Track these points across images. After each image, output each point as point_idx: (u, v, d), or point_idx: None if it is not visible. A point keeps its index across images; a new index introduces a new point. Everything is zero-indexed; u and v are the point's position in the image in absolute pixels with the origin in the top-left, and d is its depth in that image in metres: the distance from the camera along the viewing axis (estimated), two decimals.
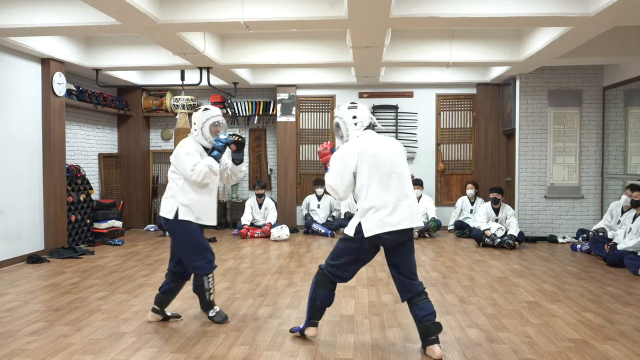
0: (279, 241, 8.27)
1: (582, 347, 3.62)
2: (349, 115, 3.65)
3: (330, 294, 3.65)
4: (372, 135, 3.64)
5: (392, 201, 3.45)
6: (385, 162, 3.50)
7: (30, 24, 5.58)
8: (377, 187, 3.46)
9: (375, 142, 3.59)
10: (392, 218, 3.43)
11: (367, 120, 3.68)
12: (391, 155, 3.55)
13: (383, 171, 3.48)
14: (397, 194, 3.47)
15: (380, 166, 3.49)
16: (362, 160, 3.48)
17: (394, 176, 3.50)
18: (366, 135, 3.62)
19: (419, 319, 3.49)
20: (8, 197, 6.45)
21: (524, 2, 5.17)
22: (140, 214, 9.74)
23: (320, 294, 3.62)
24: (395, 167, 3.52)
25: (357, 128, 3.64)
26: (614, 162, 8.03)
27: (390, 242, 3.49)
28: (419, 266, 6.29)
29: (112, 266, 6.36)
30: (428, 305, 3.50)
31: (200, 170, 3.93)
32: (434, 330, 3.48)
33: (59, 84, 7.21)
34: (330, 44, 7.27)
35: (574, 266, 6.38)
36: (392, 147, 3.61)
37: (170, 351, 3.55)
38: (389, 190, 3.47)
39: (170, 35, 5.81)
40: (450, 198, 9.57)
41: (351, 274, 3.64)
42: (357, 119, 3.65)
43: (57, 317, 4.31)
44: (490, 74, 8.89)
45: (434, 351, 3.46)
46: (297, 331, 3.83)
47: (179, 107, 9.29)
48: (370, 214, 3.44)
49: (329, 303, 3.68)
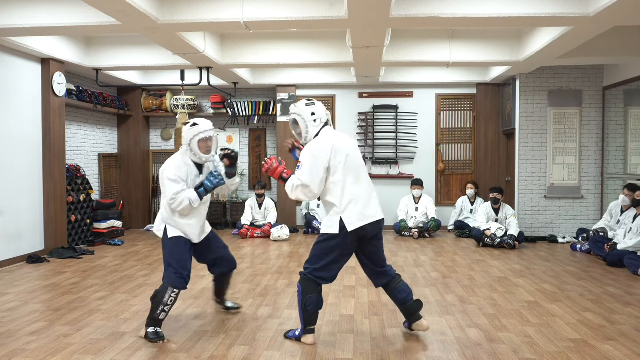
0: (279, 241, 8.27)
1: (582, 347, 3.63)
2: (307, 112, 3.73)
3: (319, 296, 3.63)
4: (335, 132, 3.77)
5: (366, 194, 3.63)
6: (355, 157, 3.67)
7: (30, 24, 5.58)
8: (352, 182, 3.59)
9: (340, 137, 3.72)
10: (369, 210, 3.60)
11: (324, 117, 3.77)
12: (356, 150, 3.73)
13: (354, 166, 3.63)
14: (368, 188, 3.67)
15: (352, 161, 3.63)
16: (335, 156, 3.57)
17: (362, 170, 3.69)
18: (329, 132, 3.73)
19: (402, 301, 3.73)
20: (8, 197, 6.45)
21: (524, 2, 5.17)
22: (140, 214, 9.74)
23: (311, 299, 3.58)
24: (361, 162, 3.72)
25: (316, 125, 3.72)
26: (614, 162, 8.03)
27: (370, 232, 3.61)
28: (419, 266, 6.31)
29: (112, 266, 6.36)
30: (405, 287, 3.77)
31: (181, 201, 3.79)
32: (417, 307, 3.76)
33: (59, 84, 7.21)
34: (330, 44, 7.27)
35: (574, 266, 6.38)
36: (352, 142, 3.78)
37: (170, 351, 3.55)
38: (362, 184, 3.63)
39: (170, 35, 5.81)
40: (450, 198, 9.57)
41: (336, 273, 3.68)
42: (316, 116, 3.73)
43: (57, 317, 4.31)
44: (490, 74, 8.89)
45: (422, 325, 3.77)
46: (293, 337, 3.76)
47: (179, 107, 9.30)
48: (350, 208, 3.54)
49: (320, 306, 3.66)
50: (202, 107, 9.99)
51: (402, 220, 8.77)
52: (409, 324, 3.85)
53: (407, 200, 8.95)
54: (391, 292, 3.76)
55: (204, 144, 3.91)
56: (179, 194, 3.80)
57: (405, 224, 8.68)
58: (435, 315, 4.35)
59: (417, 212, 8.80)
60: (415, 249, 7.58)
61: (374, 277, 3.79)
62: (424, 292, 5.11)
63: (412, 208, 8.87)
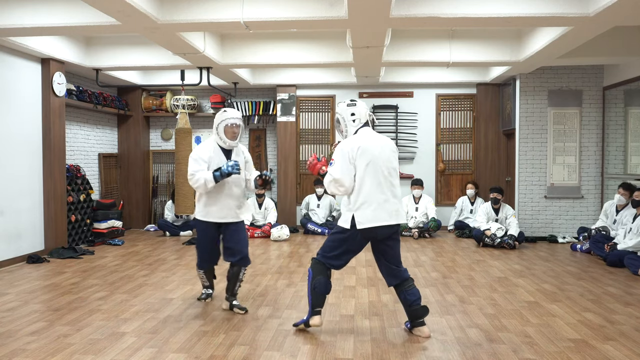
0: (279, 241, 8.27)
1: (582, 347, 3.63)
2: (347, 113, 3.90)
3: (327, 280, 3.85)
4: (369, 133, 3.88)
5: (382, 198, 3.72)
6: (380, 160, 3.76)
7: (30, 24, 5.57)
8: (370, 183, 3.72)
9: (372, 139, 3.83)
10: (382, 214, 3.71)
11: (364, 117, 3.91)
12: (386, 153, 3.81)
13: (377, 168, 3.74)
14: (386, 191, 3.75)
15: (375, 163, 3.74)
16: (360, 155, 3.73)
17: (386, 174, 3.77)
18: (364, 132, 3.86)
19: (409, 303, 3.80)
20: (8, 197, 6.45)
21: (524, 2, 5.17)
22: (140, 214, 9.74)
23: (320, 280, 3.82)
24: (387, 166, 3.79)
25: (355, 125, 3.89)
26: (614, 162, 8.03)
27: (380, 235, 3.76)
28: (419, 266, 6.31)
29: (112, 266, 6.36)
30: (416, 291, 3.84)
31: (197, 179, 4.21)
32: (422, 313, 3.83)
33: (59, 84, 7.21)
34: (330, 44, 7.27)
35: (574, 266, 6.38)
36: (387, 145, 3.86)
37: (170, 351, 3.55)
38: (380, 187, 3.73)
39: (170, 35, 5.81)
40: (450, 198, 9.57)
41: (344, 262, 3.90)
42: (355, 116, 3.89)
43: (57, 317, 4.31)
44: (490, 74, 8.89)
45: (423, 331, 3.83)
46: (302, 323, 3.95)
47: (179, 107, 9.30)
48: (363, 208, 3.70)
49: (328, 290, 3.87)
50: (202, 107, 9.99)
51: None
52: (410, 327, 3.90)
53: (407, 200, 8.95)
54: (401, 293, 3.84)
55: (230, 130, 4.30)
56: (197, 172, 4.21)
57: (405, 224, 8.69)
58: (435, 315, 4.35)
59: (417, 212, 8.80)
60: (415, 249, 7.58)
61: (388, 275, 3.89)
62: (424, 292, 5.10)
63: (412, 208, 8.87)
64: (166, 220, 8.96)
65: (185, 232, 8.87)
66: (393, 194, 3.77)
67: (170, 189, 9.71)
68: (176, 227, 8.90)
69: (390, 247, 3.83)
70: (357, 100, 3.97)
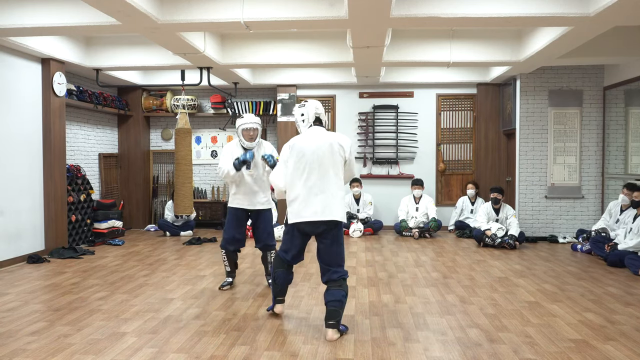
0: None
1: (582, 347, 3.62)
2: (298, 114, 4.11)
3: (287, 272, 4.18)
4: (314, 131, 4.02)
5: (306, 193, 3.86)
6: (313, 156, 3.88)
7: (31, 24, 5.57)
8: (298, 179, 3.90)
9: (311, 137, 3.97)
10: (305, 210, 3.86)
11: (312, 117, 4.06)
12: (322, 150, 3.89)
13: (306, 165, 3.88)
14: (313, 188, 3.86)
15: (306, 160, 3.88)
16: (290, 154, 3.95)
17: (315, 170, 3.87)
18: (309, 131, 4.03)
19: (326, 302, 3.86)
20: (8, 197, 6.45)
21: (524, 2, 5.16)
22: (140, 214, 9.74)
23: (279, 273, 4.16)
24: (321, 162, 3.88)
25: (305, 125, 4.07)
26: (614, 162, 8.03)
27: (308, 230, 3.95)
28: (419, 266, 6.31)
29: (112, 266, 6.36)
30: (337, 293, 3.84)
31: (222, 169, 4.98)
32: (333, 316, 3.81)
33: (59, 84, 7.21)
34: (330, 44, 7.27)
35: (575, 266, 6.38)
36: (326, 142, 3.92)
37: (170, 351, 3.54)
38: (307, 184, 3.87)
39: (170, 35, 5.81)
40: (451, 198, 9.57)
41: (292, 255, 4.10)
42: (304, 117, 4.08)
43: (58, 317, 4.31)
44: (491, 74, 8.89)
45: (327, 333, 3.83)
46: (270, 309, 4.37)
47: (179, 107, 9.30)
48: (292, 204, 3.94)
49: (289, 280, 4.24)
50: (202, 107, 9.99)
51: (403, 220, 8.77)
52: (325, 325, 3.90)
53: (408, 200, 8.96)
54: (326, 290, 3.92)
55: (247, 133, 4.99)
56: (224, 164, 4.97)
57: (405, 224, 8.68)
58: (435, 315, 4.35)
59: (417, 212, 8.80)
60: (415, 249, 7.57)
61: (321, 271, 3.99)
62: (425, 292, 5.11)
63: (412, 208, 8.87)
64: (166, 220, 8.96)
65: (186, 232, 8.87)
66: (322, 189, 3.84)
67: (170, 189, 9.71)
68: (176, 227, 8.90)
69: (325, 245, 3.90)
70: (307, 101, 4.13)
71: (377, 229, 9.03)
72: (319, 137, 3.95)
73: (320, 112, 4.09)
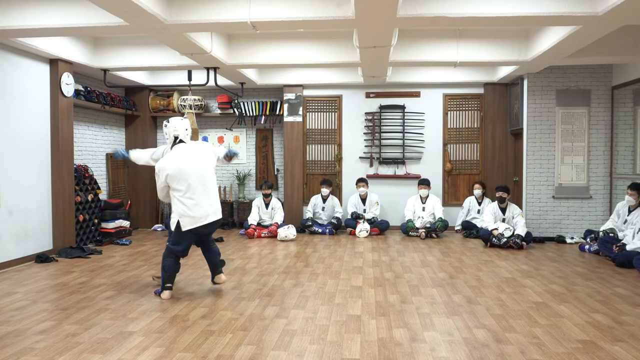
0: (286, 241, 8.27)
1: (590, 348, 3.60)
2: (164, 132, 4.83)
3: (175, 262, 4.82)
4: (177, 150, 4.71)
5: (198, 201, 4.66)
6: (186, 171, 4.62)
7: (39, 24, 5.61)
8: (185, 191, 4.63)
9: (176, 156, 4.66)
10: (201, 214, 4.68)
11: (171, 135, 4.76)
12: (192, 162, 4.66)
13: (185, 179, 4.62)
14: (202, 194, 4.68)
15: (183, 175, 4.63)
16: (163, 174, 4.61)
17: (195, 180, 4.65)
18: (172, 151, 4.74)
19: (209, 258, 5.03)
20: (17, 197, 6.49)
21: (532, 1, 5.14)
22: (147, 214, 9.78)
23: (168, 262, 4.79)
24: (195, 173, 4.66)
25: (169, 142, 4.80)
26: (622, 162, 7.97)
27: (203, 232, 4.81)
28: (426, 266, 6.30)
29: (119, 266, 6.39)
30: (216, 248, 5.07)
31: None
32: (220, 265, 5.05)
33: (67, 85, 7.25)
34: (337, 43, 7.27)
35: (582, 267, 6.34)
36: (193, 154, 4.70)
37: (177, 350, 3.55)
38: (196, 193, 4.65)
39: (177, 35, 5.83)
40: (458, 198, 9.54)
41: (180, 250, 4.80)
42: (167, 136, 4.81)
43: (65, 316, 4.33)
44: (498, 73, 8.85)
45: (220, 278, 5.06)
46: (157, 293, 4.89)
47: (186, 107, 9.33)
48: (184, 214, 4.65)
49: (177, 269, 4.86)
50: (209, 107, 10.02)
51: (409, 220, 8.75)
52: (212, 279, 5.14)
53: (414, 200, 8.94)
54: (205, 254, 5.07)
55: None
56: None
57: (412, 224, 8.67)
58: (442, 315, 4.34)
59: (424, 212, 8.78)
60: (422, 249, 7.56)
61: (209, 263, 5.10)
62: (431, 292, 5.09)
63: (419, 208, 8.86)
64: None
65: None
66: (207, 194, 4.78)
67: None
68: None
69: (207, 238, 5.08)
70: (170, 120, 4.78)
71: (384, 229, 9.02)
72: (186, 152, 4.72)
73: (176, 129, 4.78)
